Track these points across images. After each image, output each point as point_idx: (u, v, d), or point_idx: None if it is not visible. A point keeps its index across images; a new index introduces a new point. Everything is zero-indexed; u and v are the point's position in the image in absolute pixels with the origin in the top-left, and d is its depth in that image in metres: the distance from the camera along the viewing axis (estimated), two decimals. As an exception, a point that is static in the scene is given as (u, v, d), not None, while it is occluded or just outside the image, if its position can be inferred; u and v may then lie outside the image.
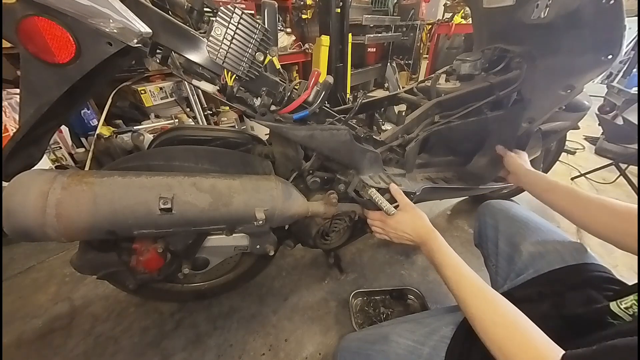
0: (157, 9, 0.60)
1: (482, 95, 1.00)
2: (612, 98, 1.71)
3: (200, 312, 1.09)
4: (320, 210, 0.84)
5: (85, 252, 0.76)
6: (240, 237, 0.82)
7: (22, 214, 0.56)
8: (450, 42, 3.91)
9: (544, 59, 0.95)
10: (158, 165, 0.75)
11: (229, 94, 0.66)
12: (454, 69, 1.13)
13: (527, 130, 0.99)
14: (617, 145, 1.95)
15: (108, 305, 1.12)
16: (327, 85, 0.71)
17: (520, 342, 0.42)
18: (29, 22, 0.48)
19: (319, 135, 0.75)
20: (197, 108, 2.23)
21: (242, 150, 0.93)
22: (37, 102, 0.56)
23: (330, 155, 0.81)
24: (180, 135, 0.91)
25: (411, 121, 0.96)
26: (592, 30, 0.82)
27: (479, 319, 0.49)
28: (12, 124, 1.19)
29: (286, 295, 1.16)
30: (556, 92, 0.91)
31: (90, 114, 1.82)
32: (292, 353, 0.96)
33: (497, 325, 0.46)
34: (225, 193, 0.70)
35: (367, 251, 1.36)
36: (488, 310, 0.49)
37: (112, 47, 0.52)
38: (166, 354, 0.96)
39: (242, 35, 0.59)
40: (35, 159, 0.70)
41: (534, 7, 0.90)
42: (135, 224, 0.65)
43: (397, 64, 4.19)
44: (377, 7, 3.84)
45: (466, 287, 0.54)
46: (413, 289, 1.10)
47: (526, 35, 0.99)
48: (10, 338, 1.01)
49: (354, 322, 0.99)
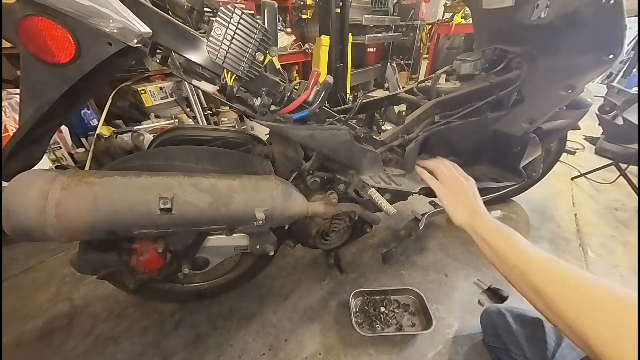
0: (157, 9, 0.60)
1: (482, 95, 1.00)
2: (612, 98, 1.71)
3: (200, 312, 1.09)
4: (320, 210, 0.84)
5: (85, 252, 0.76)
6: (240, 237, 0.82)
7: (22, 214, 0.56)
8: (450, 42, 3.91)
9: (544, 59, 0.95)
10: (158, 165, 0.75)
11: (229, 94, 0.66)
12: (454, 69, 1.13)
13: (528, 130, 0.99)
14: (617, 145, 1.94)
15: (108, 305, 1.12)
16: (327, 85, 0.71)
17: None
18: (29, 22, 0.48)
19: (319, 135, 0.75)
20: (197, 108, 2.23)
21: (242, 150, 0.93)
22: (37, 102, 0.56)
23: (331, 155, 0.81)
24: (180, 135, 0.91)
25: (411, 121, 0.96)
26: (592, 30, 0.82)
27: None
28: (12, 124, 1.19)
29: (286, 295, 1.16)
30: (557, 92, 0.91)
31: (90, 114, 1.82)
32: (292, 353, 0.96)
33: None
34: (225, 193, 0.70)
35: (367, 251, 1.36)
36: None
37: (112, 47, 0.52)
38: (166, 354, 0.96)
39: (242, 35, 0.59)
40: (35, 159, 0.70)
41: (534, 7, 0.90)
42: (135, 224, 0.65)
43: (397, 64, 4.20)
44: (377, 7, 3.84)
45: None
46: (413, 289, 1.10)
47: (526, 35, 0.99)
48: (10, 338, 1.00)
49: (354, 322, 0.99)
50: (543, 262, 0.48)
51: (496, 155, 1.13)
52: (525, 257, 0.50)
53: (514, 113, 1.01)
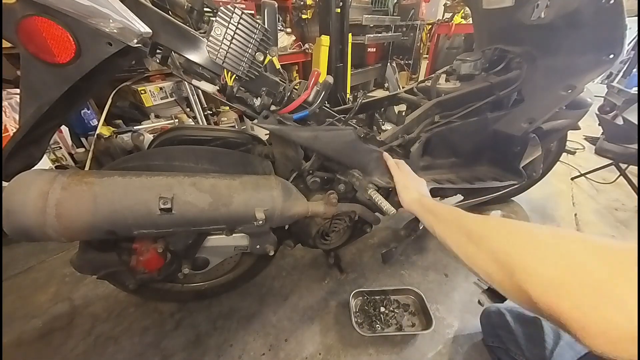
0: (157, 9, 0.60)
1: (482, 95, 1.00)
2: (612, 98, 1.71)
3: (200, 312, 1.09)
4: (320, 210, 0.84)
5: (85, 252, 0.76)
6: (240, 237, 0.82)
7: (22, 214, 0.56)
8: (450, 42, 3.91)
9: (544, 59, 0.95)
10: (158, 165, 0.75)
11: (229, 94, 0.66)
12: (454, 69, 1.13)
13: (528, 130, 0.99)
14: (617, 145, 1.94)
15: (108, 305, 1.12)
16: (327, 85, 0.71)
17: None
18: (29, 22, 0.48)
19: (323, 136, 0.74)
20: (197, 108, 2.23)
21: (242, 150, 0.93)
22: (37, 102, 0.56)
23: (336, 157, 0.80)
24: (180, 135, 0.91)
25: (411, 121, 0.96)
26: (592, 30, 0.82)
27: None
28: (12, 124, 1.19)
29: (286, 295, 1.16)
30: (557, 92, 0.91)
31: (90, 114, 1.82)
32: (292, 353, 0.96)
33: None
34: (225, 193, 0.70)
35: (367, 251, 1.36)
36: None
37: (112, 47, 0.52)
38: (166, 354, 0.96)
39: (242, 35, 0.59)
40: (35, 159, 0.70)
41: (534, 7, 0.90)
42: (135, 224, 0.65)
43: (397, 64, 4.20)
44: (377, 7, 3.84)
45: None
46: (413, 289, 1.10)
47: (526, 35, 0.99)
48: (10, 338, 1.00)
49: (354, 322, 0.99)
50: (479, 216, 0.48)
51: (496, 155, 1.13)
52: (464, 215, 0.51)
53: (514, 113, 1.01)
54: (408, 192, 0.74)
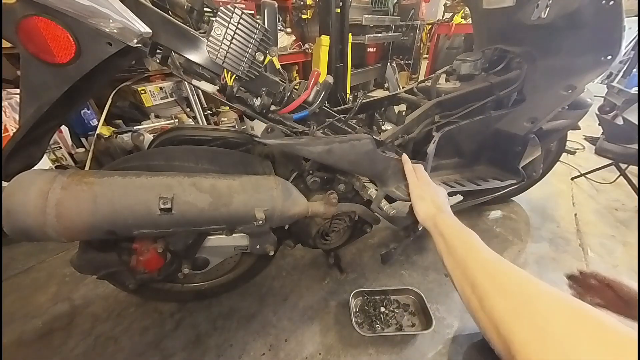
0: (157, 9, 0.60)
1: (482, 95, 1.00)
2: (612, 98, 1.71)
3: (200, 312, 1.09)
4: (320, 210, 0.84)
5: (85, 252, 0.75)
6: (240, 237, 0.82)
7: (22, 214, 0.56)
8: (450, 42, 3.91)
9: (544, 60, 0.95)
10: (158, 165, 0.75)
11: (229, 94, 0.67)
12: (454, 69, 1.13)
13: (531, 130, 0.98)
14: (617, 145, 1.94)
15: (108, 305, 1.12)
16: (327, 85, 0.71)
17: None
18: (29, 22, 0.48)
19: (337, 148, 0.70)
20: (197, 108, 2.23)
21: (242, 150, 0.93)
22: (37, 102, 0.56)
23: (351, 169, 0.76)
24: (180, 135, 0.90)
25: (411, 121, 0.96)
26: (591, 31, 0.82)
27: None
28: (12, 124, 1.19)
29: (286, 295, 1.16)
30: (557, 92, 0.91)
31: (90, 114, 1.82)
32: (292, 353, 0.96)
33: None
34: (225, 193, 0.70)
35: (367, 251, 1.36)
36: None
37: (112, 47, 0.52)
38: (166, 354, 0.96)
39: (242, 35, 0.59)
40: (35, 159, 0.70)
41: (534, 7, 0.90)
42: (135, 224, 0.65)
43: (397, 64, 4.20)
44: (377, 7, 3.84)
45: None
46: (413, 289, 1.10)
47: (526, 35, 0.99)
48: (10, 338, 1.00)
49: (354, 322, 0.99)
50: (490, 260, 0.47)
51: (496, 155, 1.13)
52: (475, 255, 0.49)
53: (516, 112, 1.01)
54: (424, 203, 0.69)
